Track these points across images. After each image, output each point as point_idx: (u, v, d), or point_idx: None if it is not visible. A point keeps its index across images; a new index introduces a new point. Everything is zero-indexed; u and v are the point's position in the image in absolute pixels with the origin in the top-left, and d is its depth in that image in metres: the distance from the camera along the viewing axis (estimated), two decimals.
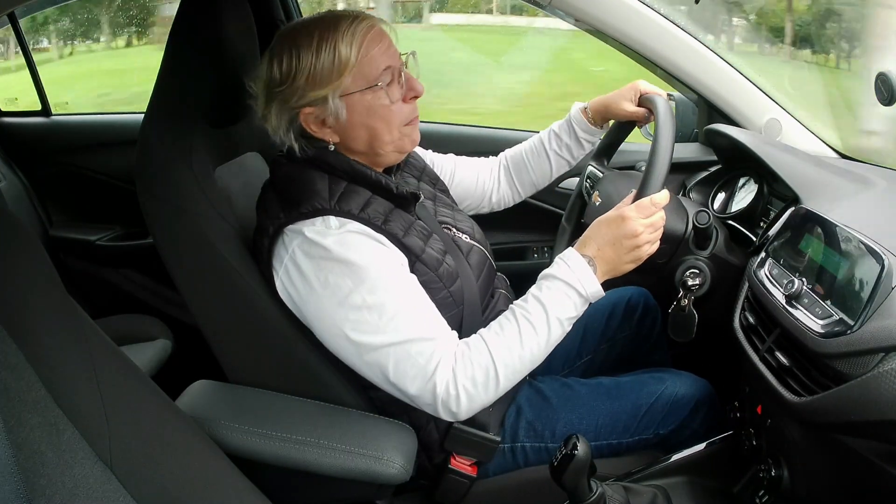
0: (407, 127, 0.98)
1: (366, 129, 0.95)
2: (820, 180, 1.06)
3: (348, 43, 0.91)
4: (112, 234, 2.05)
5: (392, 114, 0.95)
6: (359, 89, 0.92)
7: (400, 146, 0.99)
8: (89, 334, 0.70)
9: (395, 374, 0.89)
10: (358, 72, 0.92)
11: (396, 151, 0.99)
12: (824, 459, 0.88)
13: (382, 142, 0.97)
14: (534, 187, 1.35)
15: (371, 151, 0.98)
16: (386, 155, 0.99)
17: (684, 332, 1.06)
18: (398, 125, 0.96)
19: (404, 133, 0.98)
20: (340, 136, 0.96)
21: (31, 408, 0.61)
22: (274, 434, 0.93)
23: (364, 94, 0.93)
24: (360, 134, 0.96)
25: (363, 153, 0.98)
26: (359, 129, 0.96)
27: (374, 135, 0.96)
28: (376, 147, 0.97)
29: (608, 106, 1.23)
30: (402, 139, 0.98)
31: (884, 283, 0.77)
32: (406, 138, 0.99)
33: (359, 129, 0.95)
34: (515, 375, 0.92)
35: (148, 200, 0.98)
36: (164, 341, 1.69)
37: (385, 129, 0.96)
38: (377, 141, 0.96)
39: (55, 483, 0.60)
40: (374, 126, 0.95)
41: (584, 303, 0.93)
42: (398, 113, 0.96)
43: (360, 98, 0.93)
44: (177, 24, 1.00)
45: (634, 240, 0.93)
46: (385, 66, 0.94)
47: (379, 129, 0.95)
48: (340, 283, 0.88)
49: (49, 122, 2.12)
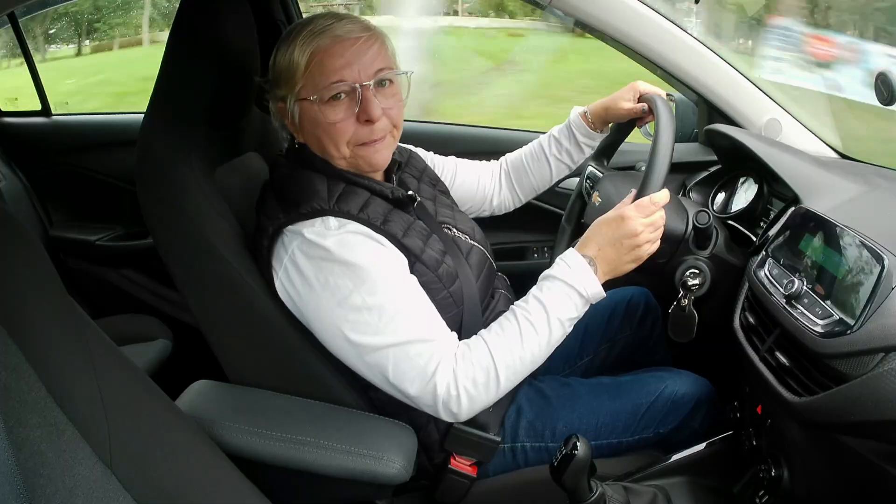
0: (361, 148, 0.95)
1: (315, 137, 0.96)
2: (820, 180, 1.06)
3: (302, 49, 0.91)
4: (112, 234, 2.05)
5: (335, 131, 0.93)
6: (307, 96, 0.92)
7: (354, 164, 0.97)
8: (89, 334, 0.70)
9: (394, 375, 0.89)
10: (309, 80, 0.92)
11: (351, 169, 0.97)
12: (824, 459, 0.88)
13: (332, 156, 0.96)
14: (534, 191, 1.35)
15: (328, 160, 0.97)
16: (346, 168, 0.97)
17: (685, 333, 1.07)
18: (345, 144, 0.94)
19: (358, 154, 0.95)
20: (302, 138, 0.98)
21: (31, 408, 0.61)
22: (274, 434, 0.92)
23: (312, 103, 0.93)
24: (312, 141, 0.97)
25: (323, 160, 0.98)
26: (310, 136, 0.97)
27: (323, 146, 0.96)
28: (329, 158, 0.97)
29: (607, 108, 1.23)
30: (356, 159, 0.96)
31: (884, 283, 0.77)
32: (361, 160, 0.96)
33: (309, 136, 0.97)
34: (516, 376, 0.92)
35: (148, 200, 0.98)
36: (164, 341, 1.69)
37: (330, 143, 0.94)
38: (327, 153, 0.96)
39: (55, 483, 0.60)
40: (320, 138, 0.95)
41: (584, 303, 0.93)
42: (343, 132, 0.93)
43: (309, 107, 0.93)
44: (177, 24, 1.00)
45: (635, 239, 0.93)
46: (335, 80, 0.90)
47: (325, 142, 0.95)
48: (340, 284, 0.88)
49: (49, 122, 2.12)
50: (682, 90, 1.49)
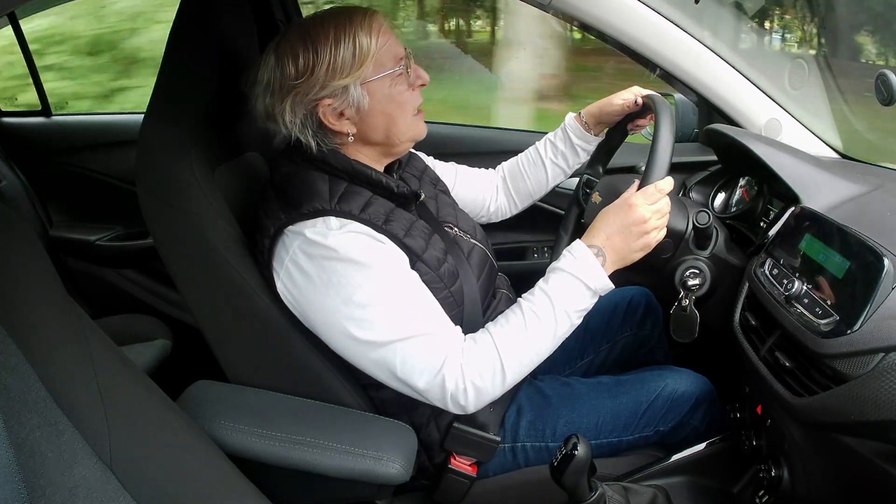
0: (418, 116, 1.01)
1: (384, 116, 0.97)
2: (820, 180, 1.06)
3: (367, 33, 0.93)
4: (112, 234, 2.05)
5: (405, 101, 0.98)
6: (378, 76, 0.94)
7: (413, 134, 1.01)
8: (89, 334, 0.70)
9: (402, 370, 0.89)
10: (377, 60, 0.94)
11: (410, 140, 1.02)
12: (824, 459, 0.88)
13: (399, 129, 0.98)
14: (530, 197, 1.35)
15: (387, 141, 0.99)
16: (401, 144, 1.01)
17: (687, 333, 1.06)
18: (411, 112, 0.99)
19: (416, 123, 1.01)
20: (358, 127, 0.97)
21: (31, 408, 0.61)
22: (274, 434, 0.93)
23: (383, 80, 0.95)
24: (378, 122, 0.97)
25: (379, 143, 1.00)
26: (377, 117, 0.97)
27: (392, 121, 0.97)
28: (393, 135, 0.99)
29: (601, 106, 1.23)
30: (416, 126, 1.01)
31: (884, 283, 0.77)
32: (419, 125, 1.01)
33: (377, 116, 0.97)
34: (523, 368, 0.92)
35: (148, 200, 0.98)
36: (164, 341, 1.69)
37: (401, 115, 0.98)
38: (394, 127, 0.98)
39: (55, 483, 0.60)
40: (392, 113, 0.97)
41: (592, 295, 0.93)
42: (411, 100, 0.99)
43: (380, 85, 0.95)
44: (177, 24, 1.00)
45: (643, 226, 0.93)
46: (399, 54, 0.97)
47: (396, 116, 0.97)
48: (343, 282, 0.88)
49: (49, 122, 2.12)
50: (682, 90, 1.49)
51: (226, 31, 1.01)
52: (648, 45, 1.31)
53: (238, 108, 1.11)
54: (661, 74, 1.38)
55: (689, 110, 1.56)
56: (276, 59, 0.94)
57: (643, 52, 1.32)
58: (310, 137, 0.95)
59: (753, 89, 1.35)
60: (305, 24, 0.95)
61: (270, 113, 0.95)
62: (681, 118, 1.53)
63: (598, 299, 0.95)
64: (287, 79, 0.93)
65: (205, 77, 1.00)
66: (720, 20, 1.47)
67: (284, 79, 0.93)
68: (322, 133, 0.96)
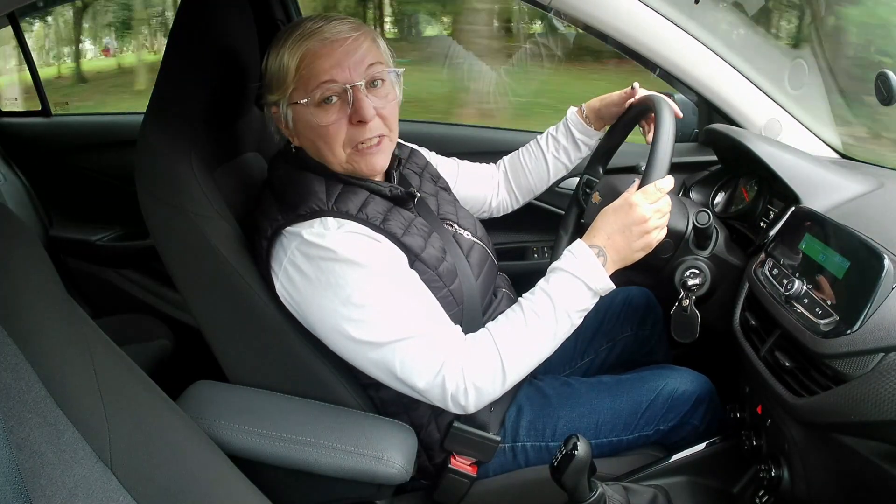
0: (357, 153, 0.93)
1: (310, 142, 0.95)
2: (820, 180, 1.06)
3: (291, 52, 0.90)
4: (112, 234, 2.05)
5: (329, 134, 0.91)
6: (300, 99, 0.91)
7: (351, 170, 0.95)
8: (89, 334, 0.70)
9: (402, 371, 0.89)
10: (300, 83, 0.91)
11: (349, 174, 0.96)
12: (824, 459, 0.88)
13: (328, 161, 0.95)
14: (532, 192, 1.35)
15: (325, 165, 0.96)
16: (344, 172, 0.96)
17: (688, 333, 1.06)
18: (340, 147, 0.93)
19: (354, 159, 0.94)
20: (298, 142, 0.98)
21: (31, 408, 0.61)
22: (274, 434, 0.93)
23: (304, 107, 0.91)
24: (308, 145, 0.96)
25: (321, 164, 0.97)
26: (305, 141, 0.96)
27: (319, 151, 0.94)
28: (325, 163, 0.95)
29: (602, 99, 1.24)
30: (354, 164, 0.94)
31: (884, 283, 0.77)
32: (358, 164, 0.94)
33: (305, 140, 0.96)
34: (523, 368, 0.92)
35: (148, 200, 0.98)
36: (164, 341, 1.69)
37: (325, 147, 0.93)
38: (323, 158, 0.95)
39: (55, 483, 0.60)
40: (315, 142, 0.94)
41: (593, 295, 0.93)
42: (336, 134, 0.91)
43: (301, 110, 0.92)
44: (177, 24, 1.00)
45: (644, 225, 0.93)
46: (325, 79, 0.89)
47: (320, 147, 0.94)
48: (342, 283, 0.88)
49: (49, 122, 2.12)
50: (682, 90, 1.49)
51: (226, 31, 1.01)
52: (648, 45, 1.31)
53: (238, 108, 1.11)
54: (660, 74, 1.38)
55: (689, 110, 1.56)
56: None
57: (643, 52, 1.32)
58: (275, 132, 0.99)
59: (753, 89, 1.35)
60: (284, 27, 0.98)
61: None
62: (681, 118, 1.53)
63: (599, 299, 0.95)
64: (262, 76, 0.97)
65: (205, 77, 1.00)
66: (720, 20, 1.47)
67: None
68: (280, 134, 0.99)
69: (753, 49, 1.43)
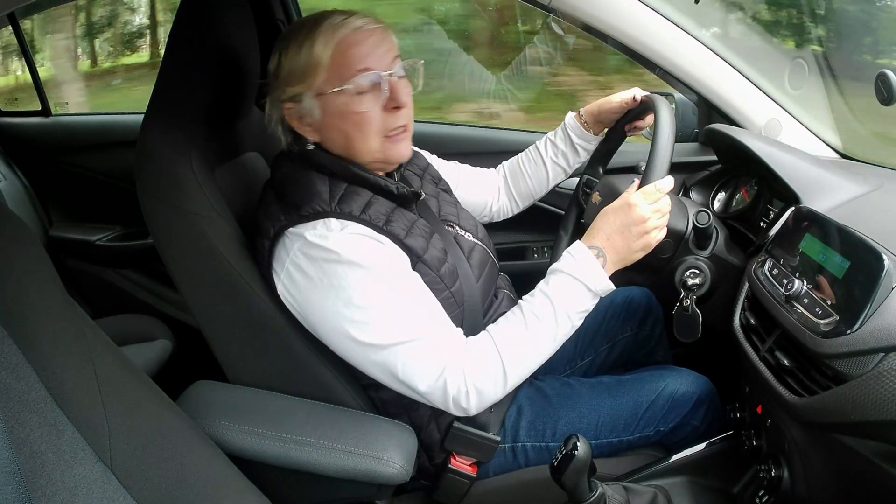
0: (388, 140, 0.94)
1: (340, 132, 0.94)
2: (820, 180, 1.06)
3: (323, 42, 0.90)
4: (112, 234, 2.05)
5: (366, 121, 0.92)
6: (332, 90, 0.91)
7: (382, 158, 0.96)
8: (89, 334, 0.70)
9: (404, 373, 0.89)
10: (333, 72, 0.91)
11: (378, 161, 0.96)
12: (824, 459, 0.88)
13: (358, 150, 0.94)
14: (531, 197, 1.36)
15: (349, 157, 0.96)
16: (368, 164, 0.96)
17: (690, 332, 1.06)
18: (375, 134, 0.93)
19: (386, 147, 0.95)
20: (319, 136, 0.97)
21: (31, 408, 0.61)
22: (274, 434, 0.93)
23: (337, 95, 0.91)
24: (335, 137, 0.95)
25: (342, 158, 0.96)
26: (333, 132, 0.95)
27: (348, 140, 0.94)
28: (353, 154, 0.95)
29: (600, 105, 1.23)
30: (385, 152, 0.95)
31: (884, 283, 0.77)
32: (391, 148, 0.95)
33: (333, 131, 0.94)
34: (524, 371, 0.92)
35: (148, 200, 0.98)
36: (164, 341, 1.69)
37: (359, 136, 0.93)
38: (353, 148, 0.94)
39: (55, 483, 0.60)
40: (348, 131, 0.93)
41: (593, 297, 0.93)
42: (373, 121, 0.92)
43: (333, 99, 0.92)
44: (177, 24, 1.00)
45: (643, 226, 0.93)
46: (362, 67, 0.91)
47: (353, 136, 0.93)
48: (344, 285, 0.88)
49: (49, 122, 2.12)
50: (682, 90, 1.48)
51: (226, 31, 1.01)
52: (648, 45, 1.31)
53: (238, 108, 1.11)
54: (660, 74, 1.38)
55: (689, 110, 1.56)
56: (273, 53, 0.96)
57: (643, 52, 1.32)
58: (282, 135, 0.97)
59: (753, 89, 1.35)
60: (297, 22, 0.97)
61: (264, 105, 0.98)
62: (681, 118, 1.53)
63: (599, 299, 0.95)
64: (269, 75, 0.96)
65: (205, 77, 1.00)
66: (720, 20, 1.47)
67: (268, 75, 0.96)
68: (289, 134, 0.98)
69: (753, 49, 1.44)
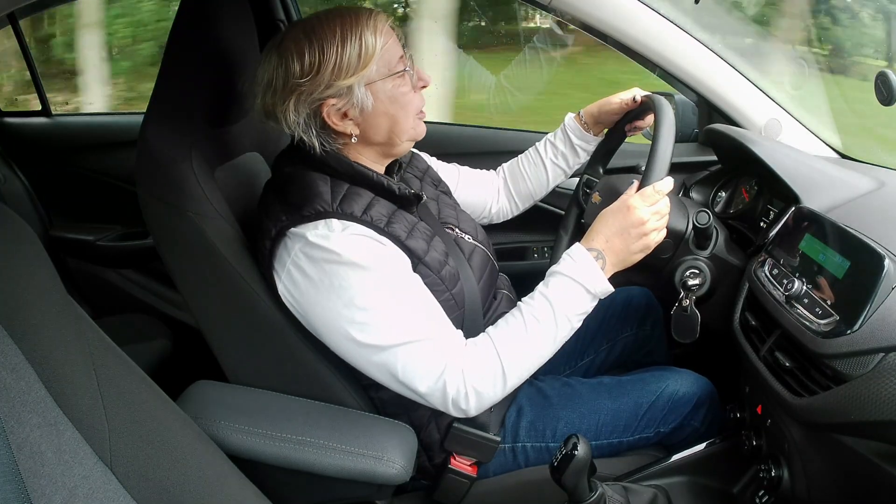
0: (419, 118, 1.01)
1: (387, 117, 0.96)
2: (820, 180, 1.06)
3: (372, 32, 0.92)
4: (112, 234, 2.04)
5: (410, 102, 0.98)
6: (381, 77, 0.94)
7: (414, 134, 1.01)
8: (89, 334, 0.70)
9: (404, 374, 0.89)
10: (382, 60, 0.94)
11: (410, 140, 1.01)
12: (824, 459, 0.88)
13: (401, 129, 0.98)
14: (531, 198, 1.35)
15: (389, 142, 0.99)
16: (401, 144, 1.01)
17: (688, 333, 1.06)
18: (413, 113, 0.99)
19: (417, 124, 1.01)
20: (361, 128, 0.97)
21: (31, 408, 0.61)
22: (274, 434, 0.93)
23: (386, 81, 0.95)
24: (381, 122, 0.97)
25: (381, 144, 0.99)
26: (380, 118, 0.96)
27: (395, 122, 0.97)
28: (395, 136, 0.98)
29: (600, 105, 1.23)
30: (416, 128, 1.01)
31: (884, 283, 0.77)
32: (420, 126, 1.02)
33: (380, 117, 0.96)
34: (523, 373, 0.92)
35: (148, 200, 0.98)
36: (164, 341, 1.69)
37: (404, 116, 0.97)
38: (397, 128, 0.98)
39: (55, 483, 0.60)
40: (395, 114, 0.97)
41: (592, 299, 0.93)
42: (414, 101, 0.99)
43: (383, 86, 0.95)
44: (177, 24, 1.00)
45: (642, 227, 0.93)
46: (401, 55, 0.96)
47: (399, 117, 0.97)
48: (345, 286, 0.88)
49: (50, 122, 2.12)
50: (682, 90, 1.48)
51: (226, 31, 1.01)
52: (648, 45, 1.31)
53: (238, 108, 1.11)
54: (660, 74, 1.38)
55: (689, 110, 1.56)
56: (279, 57, 0.92)
57: (643, 52, 1.32)
58: (313, 138, 0.94)
59: (753, 89, 1.35)
60: (311, 21, 0.93)
61: (271, 112, 0.94)
62: (681, 118, 1.53)
63: (598, 301, 0.95)
64: (291, 77, 0.91)
65: (205, 77, 1.00)
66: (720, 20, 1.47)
67: (288, 77, 0.91)
68: (325, 133, 0.95)
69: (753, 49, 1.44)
